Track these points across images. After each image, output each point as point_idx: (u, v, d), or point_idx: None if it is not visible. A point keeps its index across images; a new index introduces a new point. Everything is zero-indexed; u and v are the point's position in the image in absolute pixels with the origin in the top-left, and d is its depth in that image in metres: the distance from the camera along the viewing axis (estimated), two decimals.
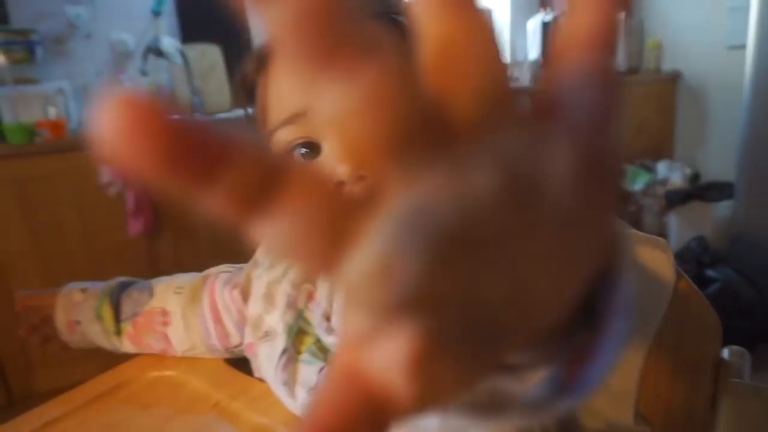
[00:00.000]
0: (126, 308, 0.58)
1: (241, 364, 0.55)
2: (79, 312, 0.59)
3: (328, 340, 0.43)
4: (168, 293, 0.58)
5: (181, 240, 1.96)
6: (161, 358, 0.57)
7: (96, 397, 0.50)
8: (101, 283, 0.62)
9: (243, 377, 0.51)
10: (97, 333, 0.59)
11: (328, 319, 0.44)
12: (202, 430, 0.45)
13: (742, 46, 2.11)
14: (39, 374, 1.78)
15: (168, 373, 0.53)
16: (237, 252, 0.62)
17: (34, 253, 1.73)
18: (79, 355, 1.90)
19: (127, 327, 0.58)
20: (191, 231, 1.97)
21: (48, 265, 1.75)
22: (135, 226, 1.83)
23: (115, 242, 1.84)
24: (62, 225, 1.77)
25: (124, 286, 0.60)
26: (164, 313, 0.57)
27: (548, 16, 2.82)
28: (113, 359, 0.58)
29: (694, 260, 2.01)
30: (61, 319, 0.60)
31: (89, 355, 1.73)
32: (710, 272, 1.91)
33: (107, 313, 0.58)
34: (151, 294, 0.59)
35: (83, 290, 0.60)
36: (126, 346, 0.59)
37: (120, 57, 2.28)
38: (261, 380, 0.49)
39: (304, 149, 0.38)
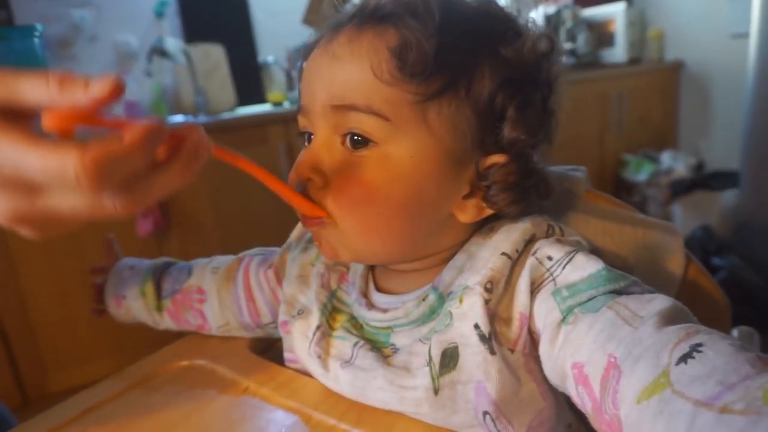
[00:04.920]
0: (166, 286, 0.62)
1: (265, 353, 0.58)
2: (125, 287, 0.63)
3: (369, 315, 0.46)
4: (205, 273, 0.61)
5: (190, 239, 1.97)
6: (188, 349, 0.59)
7: (130, 386, 0.51)
8: (148, 261, 0.66)
9: (269, 365, 0.52)
10: (140, 309, 0.62)
11: (365, 295, 0.48)
12: (240, 407, 0.47)
13: (745, 35, 2.12)
14: (53, 375, 1.81)
15: (197, 362, 0.55)
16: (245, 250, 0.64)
17: (45, 253, 1.75)
18: (91, 355, 1.89)
19: (167, 303, 0.62)
20: (200, 230, 1.98)
21: (59, 265, 1.77)
22: (144, 226, 1.85)
23: (124, 242, 1.85)
24: None
25: (167, 265, 0.65)
26: (200, 290, 0.60)
27: (550, 8, 2.83)
28: (127, 357, 0.60)
29: (699, 249, 2.02)
30: (110, 293, 0.64)
31: (100, 356, 1.74)
32: (716, 260, 1.92)
33: (150, 290, 0.62)
34: (189, 273, 0.62)
35: (131, 267, 0.65)
36: (166, 321, 0.63)
37: (124, 58, 2.30)
38: (286, 367, 0.52)
39: (307, 136, 0.44)
